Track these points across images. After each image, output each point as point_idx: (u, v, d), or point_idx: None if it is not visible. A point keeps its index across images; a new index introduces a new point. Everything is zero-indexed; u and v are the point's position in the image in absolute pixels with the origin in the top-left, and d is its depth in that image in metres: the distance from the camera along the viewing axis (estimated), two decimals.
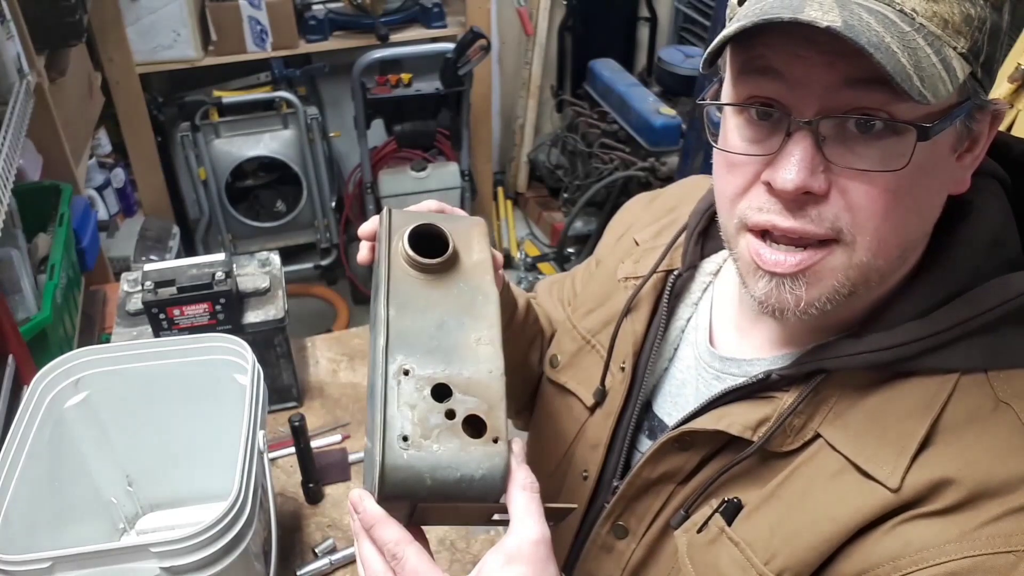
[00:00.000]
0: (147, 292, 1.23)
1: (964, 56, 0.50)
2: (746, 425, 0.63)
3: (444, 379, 0.58)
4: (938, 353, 0.58)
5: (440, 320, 0.61)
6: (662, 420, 0.75)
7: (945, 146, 0.55)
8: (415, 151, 3.04)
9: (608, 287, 0.82)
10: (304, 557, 1.16)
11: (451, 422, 0.56)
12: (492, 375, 0.59)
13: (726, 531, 0.63)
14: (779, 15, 0.49)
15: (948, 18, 0.50)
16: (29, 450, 0.94)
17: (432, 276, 0.63)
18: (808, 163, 0.53)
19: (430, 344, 0.59)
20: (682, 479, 0.69)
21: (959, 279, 0.59)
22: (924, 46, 0.49)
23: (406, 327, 0.60)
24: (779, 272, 0.57)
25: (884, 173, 0.52)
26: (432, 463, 0.55)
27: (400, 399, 0.56)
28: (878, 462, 0.57)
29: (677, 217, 0.81)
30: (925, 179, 0.54)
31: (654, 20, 3.48)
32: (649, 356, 0.75)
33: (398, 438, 0.55)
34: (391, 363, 0.58)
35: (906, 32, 0.49)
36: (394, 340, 0.59)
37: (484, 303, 0.63)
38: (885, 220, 0.54)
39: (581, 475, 0.79)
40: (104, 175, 2.56)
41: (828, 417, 0.60)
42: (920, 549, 0.55)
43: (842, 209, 0.54)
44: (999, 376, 0.58)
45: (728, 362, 0.70)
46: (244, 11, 2.72)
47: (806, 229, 0.55)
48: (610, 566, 0.75)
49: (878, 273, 0.57)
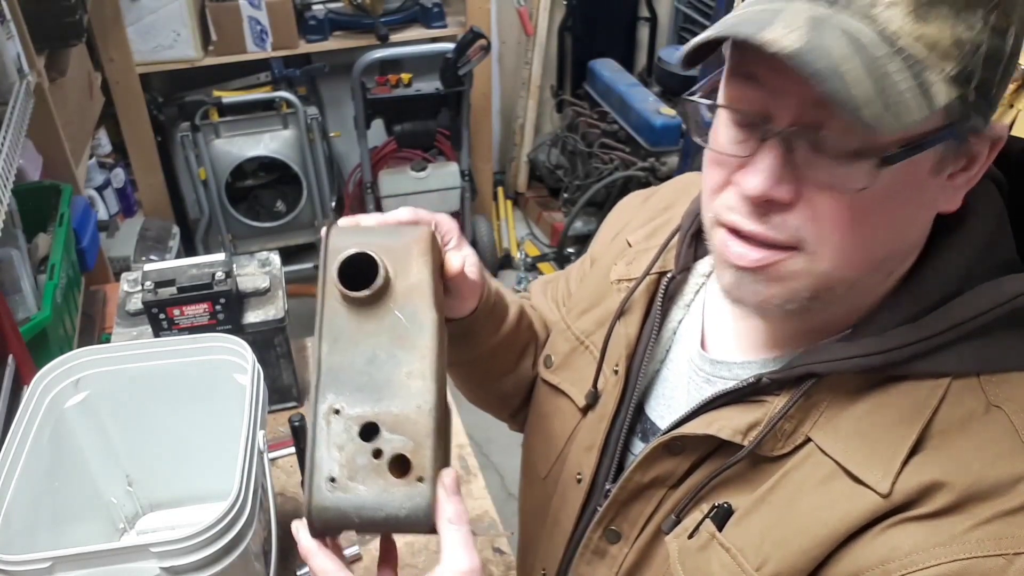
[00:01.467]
0: (147, 292, 1.23)
1: (952, 80, 0.49)
2: (736, 429, 0.63)
3: (372, 417, 0.58)
4: (930, 357, 0.57)
5: (371, 354, 0.60)
6: (654, 423, 0.75)
7: (924, 168, 0.54)
8: (415, 151, 3.04)
9: (602, 287, 0.82)
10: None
11: (377, 462, 0.57)
12: (421, 410, 0.58)
13: (717, 537, 0.63)
14: (739, 31, 0.49)
15: (936, 41, 0.49)
16: (29, 450, 0.94)
17: (363, 307, 0.61)
18: (774, 173, 0.54)
19: (360, 380, 0.59)
20: (673, 483, 0.69)
21: (951, 283, 0.59)
22: (897, 71, 0.48)
23: (337, 363, 0.59)
24: (741, 266, 0.58)
25: (849, 191, 0.53)
26: (358, 504, 0.57)
27: (330, 440, 0.58)
28: (868, 467, 0.57)
29: (671, 217, 0.80)
30: (897, 199, 0.54)
31: (654, 20, 3.48)
32: (642, 359, 0.75)
33: (326, 480, 0.57)
34: (321, 403, 0.59)
35: (877, 57, 0.48)
36: (325, 378, 0.59)
37: (418, 333, 0.60)
38: (849, 234, 0.54)
39: (575, 478, 0.79)
40: (104, 175, 2.57)
41: (819, 421, 0.60)
42: (909, 552, 0.54)
43: (807, 219, 0.55)
44: (991, 380, 0.57)
45: (718, 365, 0.69)
46: (244, 11, 2.72)
47: (767, 235, 0.56)
48: (603, 571, 0.75)
49: (845, 283, 0.58)
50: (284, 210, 3.09)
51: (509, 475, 2.45)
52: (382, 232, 0.65)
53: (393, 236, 0.64)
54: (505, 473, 2.46)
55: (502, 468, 2.47)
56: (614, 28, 3.51)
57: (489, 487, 1.31)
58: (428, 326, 0.61)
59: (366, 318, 0.61)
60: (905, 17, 0.49)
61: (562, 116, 3.55)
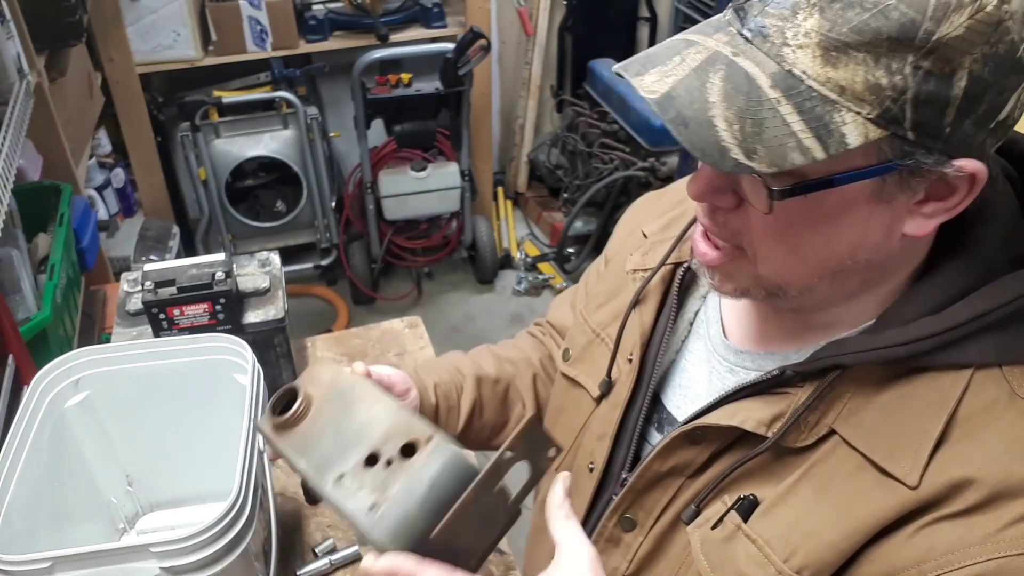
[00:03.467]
0: (147, 292, 1.23)
1: (873, 121, 0.49)
2: (760, 421, 0.63)
3: (368, 453, 0.64)
4: (953, 348, 0.58)
5: (335, 431, 0.67)
6: (671, 413, 0.75)
7: (858, 197, 0.54)
8: (415, 151, 3.04)
9: (617, 282, 0.83)
10: (304, 557, 1.16)
11: (392, 466, 0.62)
12: (397, 414, 0.66)
13: (743, 528, 0.63)
14: (625, 71, 0.55)
15: (846, 85, 0.49)
16: (29, 450, 0.94)
17: (303, 421, 0.69)
18: (708, 181, 0.58)
19: (339, 448, 0.65)
20: (692, 473, 0.69)
21: (973, 275, 0.59)
22: (787, 114, 0.49)
23: (317, 458, 0.66)
24: (702, 261, 0.64)
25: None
26: (403, 498, 0.60)
27: (349, 495, 0.62)
28: (896, 459, 0.57)
29: (686, 210, 0.81)
30: (830, 222, 0.56)
31: (654, 20, 3.48)
32: (659, 348, 0.76)
33: (368, 513, 0.60)
34: (325, 484, 0.64)
35: (761, 100, 0.50)
36: (315, 473, 0.65)
37: (351, 391, 0.69)
38: (776, 246, 0.58)
39: (587, 466, 0.79)
40: (104, 175, 2.57)
41: (843, 413, 0.61)
42: (945, 552, 0.55)
43: (743, 225, 0.59)
44: (1013, 371, 0.58)
45: (742, 355, 0.70)
46: (244, 11, 2.72)
47: (716, 231, 0.61)
48: (616, 558, 0.75)
49: (792, 288, 0.61)
50: (284, 210, 3.09)
51: None
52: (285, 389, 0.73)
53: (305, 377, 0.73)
54: None
55: None
56: (614, 28, 3.50)
57: None
58: (354, 381, 0.70)
59: (312, 422, 0.68)
60: (812, 60, 0.49)
61: (562, 116, 3.55)
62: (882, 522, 0.57)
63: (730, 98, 0.50)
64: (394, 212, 3.02)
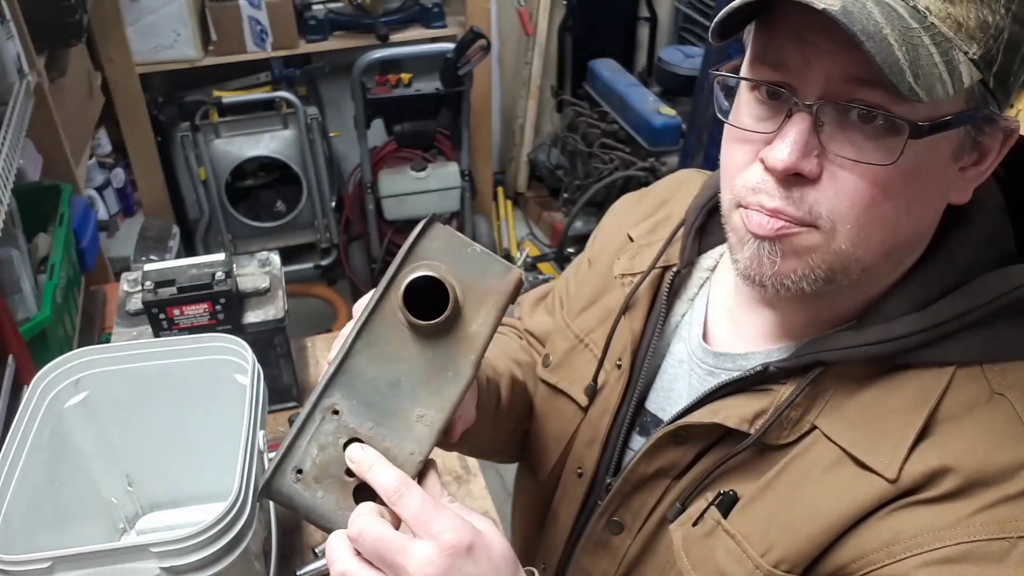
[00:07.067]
0: (147, 292, 1.23)
1: (975, 62, 0.50)
2: (743, 418, 0.63)
3: (364, 437, 0.57)
4: (936, 346, 0.58)
5: (396, 379, 0.58)
6: (655, 415, 0.75)
7: (944, 152, 0.54)
8: (415, 151, 3.04)
9: (602, 284, 0.82)
10: (304, 557, 1.16)
11: (346, 480, 0.57)
12: (412, 457, 0.57)
13: (722, 523, 0.63)
14: None
15: (962, 21, 0.49)
16: (29, 450, 0.94)
17: (412, 330, 0.58)
18: (801, 145, 0.54)
19: (373, 397, 0.58)
20: (677, 473, 0.69)
21: (956, 273, 0.59)
22: (929, 44, 0.49)
23: (360, 368, 0.58)
24: (760, 234, 0.57)
25: (874, 166, 0.53)
26: (309, 505, 0.57)
27: (316, 434, 0.57)
28: (875, 453, 0.57)
29: (671, 212, 0.81)
30: (919, 181, 0.55)
31: (654, 20, 3.48)
32: (646, 354, 0.75)
33: (293, 468, 0.57)
34: (326, 397, 0.58)
35: (911, 28, 0.49)
36: (341, 376, 0.58)
37: (450, 382, 0.58)
38: (868, 212, 0.55)
39: (576, 472, 0.79)
40: (104, 175, 2.57)
41: (825, 410, 0.61)
42: (915, 535, 0.55)
43: (829, 195, 0.55)
44: (993, 368, 0.58)
45: (722, 357, 0.70)
46: (244, 11, 2.72)
47: (787, 210, 0.56)
48: (606, 562, 0.75)
49: (859, 265, 0.58)
50: (284, 210, 3.09)
51: (509, 475, 2.43)
52: (472, 260, 0.60)
53: (480, 270, 0.60)
54: (505, 473, 2.46)
55: (502, 468, 2.47)
56: (614, 28, 3.51)
57: (489, 487, 1.30)
58: (461, 381, 0.59)
59: (412, 341, 0.58)
60: None
61: (562, 116, 3.55)
62: (859, 513, 0.57)
63: (892, 21, 0.49)
64: (394, 212, 3.02)
